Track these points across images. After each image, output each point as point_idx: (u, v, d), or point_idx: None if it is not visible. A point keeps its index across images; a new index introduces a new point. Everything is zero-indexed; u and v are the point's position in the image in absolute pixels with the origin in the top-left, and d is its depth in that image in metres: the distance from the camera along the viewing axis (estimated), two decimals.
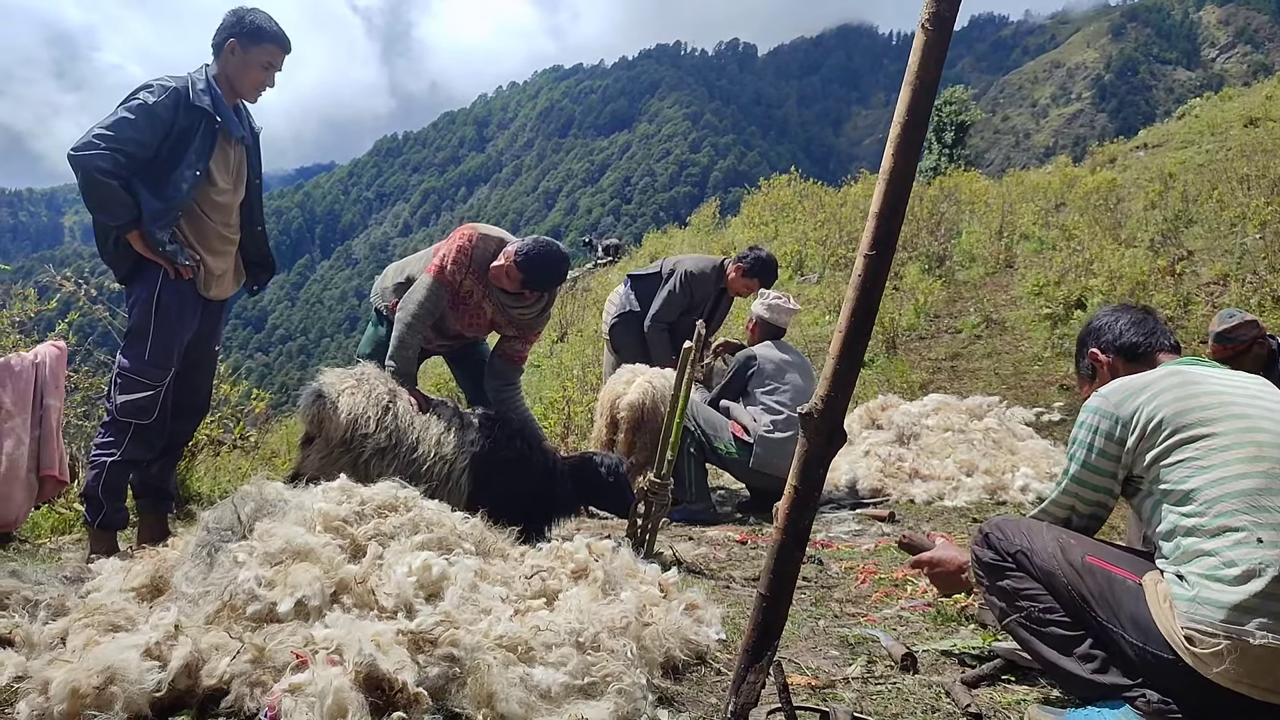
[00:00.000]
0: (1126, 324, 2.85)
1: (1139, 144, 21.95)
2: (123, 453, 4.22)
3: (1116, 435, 2.49)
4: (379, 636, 2.25)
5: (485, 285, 4.94)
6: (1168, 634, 2.22)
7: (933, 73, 1.80)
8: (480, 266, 4.90)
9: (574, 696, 2.34)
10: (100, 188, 3.97)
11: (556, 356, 15.08)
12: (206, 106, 4.20)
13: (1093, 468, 2.56)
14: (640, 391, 6.01)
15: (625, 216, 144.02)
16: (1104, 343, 2.88)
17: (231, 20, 4.30)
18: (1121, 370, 2.79)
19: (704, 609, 3.16)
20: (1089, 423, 2.57)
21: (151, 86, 4.16)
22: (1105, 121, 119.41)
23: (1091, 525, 2.66)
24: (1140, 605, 2.30)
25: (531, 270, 4.79)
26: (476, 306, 5.01)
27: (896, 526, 5.57)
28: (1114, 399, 2.53)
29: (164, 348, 4.23)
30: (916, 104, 1.82)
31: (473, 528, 3.20)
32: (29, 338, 6.20)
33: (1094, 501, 2.61)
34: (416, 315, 4.81)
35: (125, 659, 2.21)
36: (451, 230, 5.23)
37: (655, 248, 23.17)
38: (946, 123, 28.55)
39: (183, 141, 4.17)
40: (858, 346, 1.88)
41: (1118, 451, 2.50)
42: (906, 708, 2.58)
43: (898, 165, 1.83)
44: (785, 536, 1.96)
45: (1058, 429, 8.08)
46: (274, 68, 4.41)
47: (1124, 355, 2.82)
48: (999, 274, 13.95)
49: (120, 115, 4.04)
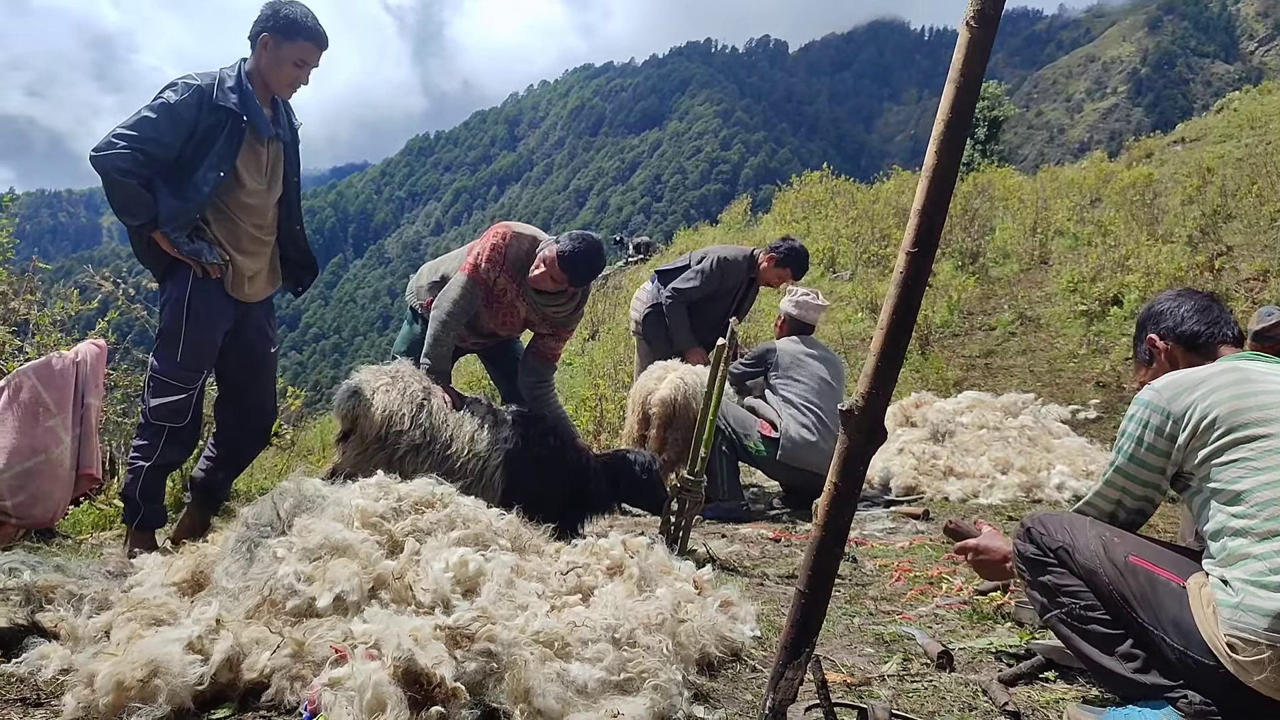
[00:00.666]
0: (1189, 311, 2.74)
1: (1176, 138, 21.64)
2: (158, 456, 4.23)
3: (1167, 431, 2.43)
4: (417, 631, 2.26)
5: (519, 284, 4.96)
6: (1210, 640, 2.18)
7: (976, 70, 1.79)
8: (514, 265, 4.92)
9: (610, 692, 2.34)
10: (120, 187, 3.93)
11: (588, 354, 15.10)
12: (232, 105, 4.11)
13: (1140, 461, 2.51)
14: (672, 388, 6.01)
15: (656, 214, 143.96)
16: (1164, 329, 2.77)
17: (267, 13, 4.19)
18: (1180, 359, 2.71)
19: (738, 606, 3.16)
20: (1139, 416, 2.50)
21: (176, 85, 4.08)
22: (1141, 116, 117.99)
23: (1137, 520, 2.61)
24: (1183, 609, 2.26)
25: (575, 269, 4.81)
26: (510, 305, 5.03)
27: (931, 524, 5.54)
28: (1167, 394, 2.47)
29: (196, 350, 4.19)
30: (960, 101, 1.80)
31: (508, 524, 3.22)
32: (69, 336, 6.28)
33: (1141, 496, 2.56)
34: (451, 313, 4.82)
35: (168, 652, 2.24)
36: (484, 229, 5.25)
37: (686, 245, 23.10)
38: (980, 118, 28.28)
39: (206, 141, 4.08)
40: (899, 343, 1.87)
41: (1168, 447, 2.44)
42: (943, 705, 2.56)
43: (940, 162, 1.82)
44: (825, 533, 1.96)
45: (1094, 427, 8.00)
46: (308, 65, 4.29)
47: (1184, 344, 2.72)
48: (1033, 270, 13.81)
49: (142, 114, 3.99)
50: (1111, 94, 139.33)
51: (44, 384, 4.58)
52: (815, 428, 5.94)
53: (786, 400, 6.13)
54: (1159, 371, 2.71)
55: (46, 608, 2.79)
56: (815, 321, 6.72)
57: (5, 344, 5.88)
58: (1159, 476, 2.51)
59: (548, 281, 4.87)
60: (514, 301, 5.02)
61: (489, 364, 5.74)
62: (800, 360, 6.32)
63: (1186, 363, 2.66)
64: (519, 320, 5.14)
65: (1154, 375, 2.73)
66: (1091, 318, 10.97)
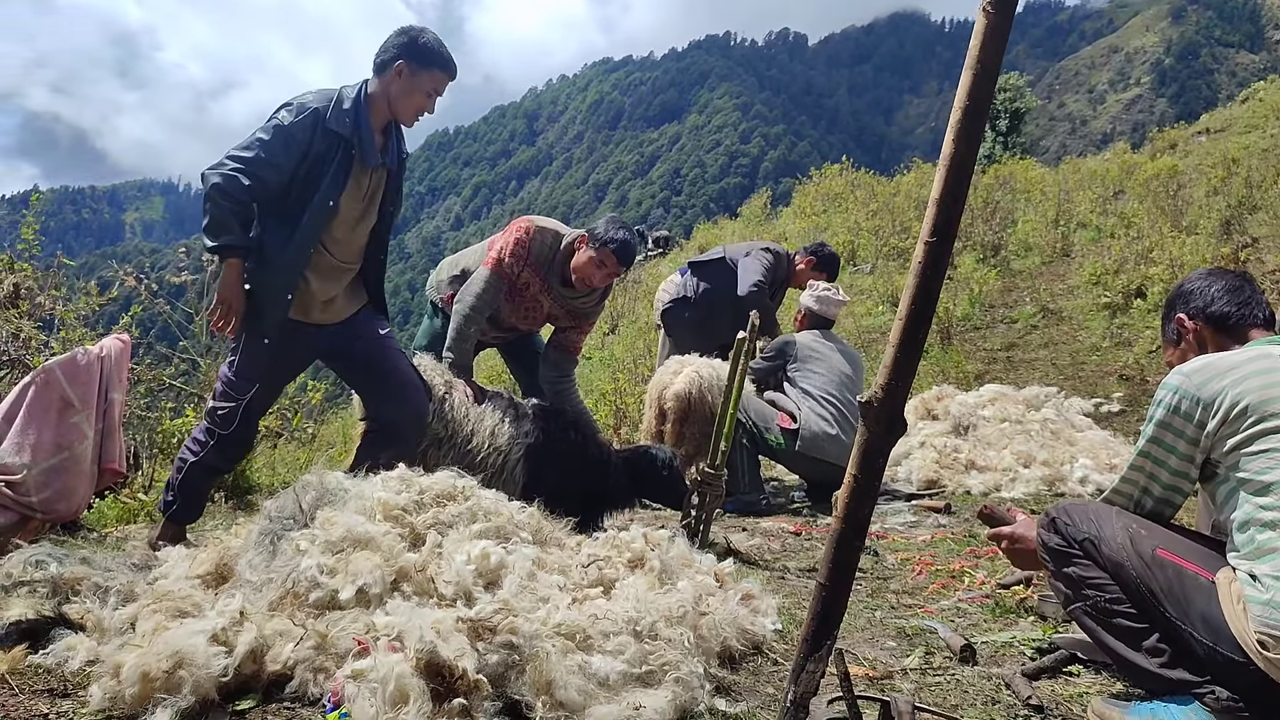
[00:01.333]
0: (1220, 291, 2.67)
1: (1200, 129, 21.44)
2: (204, 456, 4.19)
3: (1197, 417, 2.38)
4: (439, 624, 2.26)
5: (543, 278, 4.97)
6: (1239, 636, 2.15)
7: (994, 57, 1.77)
8: (538, 259, 4.93)
9: (632, 685, 2.34)
10: (215, 207, 3.81)
11: (608, 349, 15.11)
12: (344, 131, 3.95)
13: (1167, 446, 2.45)
14: (687, 381, 5.99)
15: (675, 208, 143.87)
16: (1193, 309, 2.71)
17: (404, 40, 4.04)
18: (1209, 340, 2.65)
19: (759, 599, 3.16)
20: (1167, 401, 2.45)
21: (290, 105, 3.95)
22: (1165, 107, 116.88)
23: (1164, 511, 2.55)
24: (1212, 604, 2.22)
25: (626, 255, 4.87)
26: (533, 299, 5.05)
27: (952, 518, 5.52)
28: (1196, 379, 2.41)
29: (247, 364, 4.10)
30: (977, 89, 1.79)
31: (530, 517, 3.22)
32: (94, 331, 6.34)
33: (1168, 485, 2.50)
34: (474, 307, 4.82)
35: (193, 644, 2.26)
36: (503, 224, 5.27)
37: (706, 239, 23.10)
38: (1001, 110, 28.06)
39: (316, 169, 3.95)
40: (918, 334, 1.86)
41: (1196, 434, 2.39)
42: (966, 699, 2.55)
43: (958, 151, 1.80)
44: (845, 526, 1.95)
45: (1117, 420, 7.95)
46: (437, 94, 4.14)
47: (1213, 325, 2.66)
48: (1055, 263, 13.72)
49: (256, 135, 3.87)
50: (1135, 85, 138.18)
51: (69, 379, 4.62)
52: (835, 420, 5.93)
53: (805, 393, 6.12)
54: (1187, 352, 2.66)
55: (73, 600, 2.81)
56: (835, 317, 6.71)
57: (32, 339, 5.93)
58: (1187, 464, 2.45)
59: (596, 274, 4.88)
60: (537, 295, 5.03)
61: (509, 358, 5.76)
62: (819, 353, 6.31)
63: (1215, 344, 2.61)
64: (541, 314, 5.16)
65: (1182, 356, 2.68)
66: (1115, 310, 10.89)
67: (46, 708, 2.25)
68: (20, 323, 5.90)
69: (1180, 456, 2.45)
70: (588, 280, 4.91)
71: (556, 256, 4.97)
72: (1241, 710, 2.17)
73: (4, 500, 4.32)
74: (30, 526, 4.32)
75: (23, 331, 5.89)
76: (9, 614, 2.65)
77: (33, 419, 4.50)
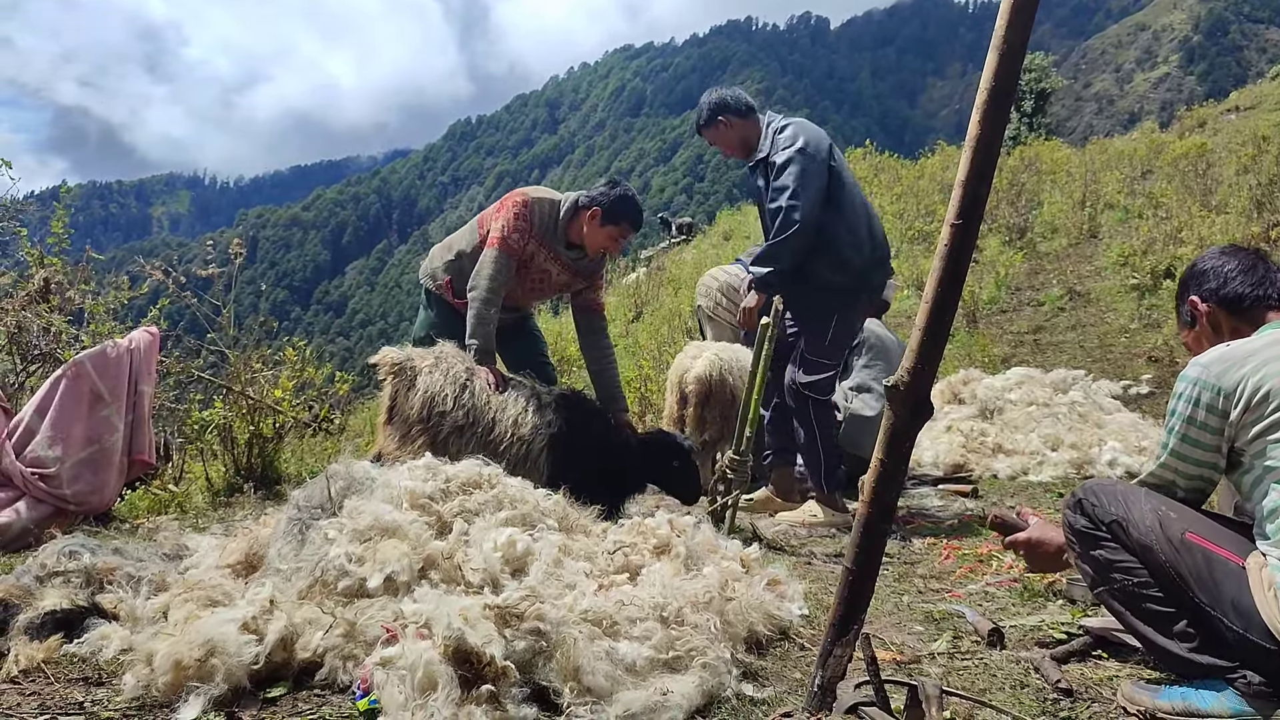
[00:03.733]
0: (1234, 271, 2.60)
1: (1230, 107, 21.18)
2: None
3: (1219, 407, 2.33)
4: (466, 611, 2.27)
5: (549, 246, 4.95)
6: (1270, 622, 2.11)
7: (1020, 36, 1.75)
8: (541, 230, 4.90)
9: (659, 670, 2.35)
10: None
11: (633, 336, 15.10)
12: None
13: (1192, 441, 2.41)
14: (707, 364, 5.91)
15: (698, 195, 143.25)
16: (1206, 290, 2.63)
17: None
18: (1223, 323, 2.59)
19: (786, 585, 3.16)
20: (1187, 394, 2.40)
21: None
22: (1194, 85, 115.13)
23: (1195, 499, 2.49)
24: (1243, 591, 2.17)
25: (639, 220, 4.96)
26: (541, 270, 5.02)
27: (979, 502, 5.49)
28: (1215, 369, 2.36)
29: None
30: (1004, 69, 1.77)
31: (555, 504, 3.23)
32: (122, 325, 6.39)
33: (1195, 476, 2.46)
34: (490, 289, 4.78)
35: (225, 633, 2.28)
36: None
37: (729, 225, 23.05)
38: (1026, 91, 27.77)
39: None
40: (944, 317, 1.85)
41: (1219, 424, 2.35)
42: (994, 683, 2.54)
43: (984, 132, 1.79)
44: (871, 511, 1.94)
45: (1146, 402, 7.88)
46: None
47: (1227, 307, 2.59)
48: (1082, 245, 13.61)
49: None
50: (1162, 63, 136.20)
51: (99, 372, 4.68)
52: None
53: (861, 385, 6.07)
54: (1201, 335, 2.61)
55: (106, 589, 2.85)
56: (891, 300, 6.69)
57: (62, 333, 5.99)
58: (1214, 455, 2.41)
59: (609, 242, 4.93)
60: (544, 265, 5.01)
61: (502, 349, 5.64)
62: (886, 346, 6.28)
63: (1229, 327, 2.55)
64: (551, 284, 5.15)
65: (1196, 338, 2.63)
66: (1143, 291, 10.79)
67: (81, 696, 2.28)
68: (51, 317, 5.96)
69: (1205, 448, 2.40)
70: (604, 250, 4.97)
71: (558, 223, 4.94)
72: (1273, 695, 2.15)
73: (38, 493, 4.39)
74: (63, 518, 4.38)
75: (53, 326, 5.95)
76: (44, 604, 2.69)
77: (65, 412, 4.56)
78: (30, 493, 4.37)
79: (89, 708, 2.21)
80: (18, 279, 6.23)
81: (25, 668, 2.42)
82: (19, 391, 5.65)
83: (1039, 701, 2.41)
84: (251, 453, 5.86)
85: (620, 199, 4.86)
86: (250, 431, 5.88)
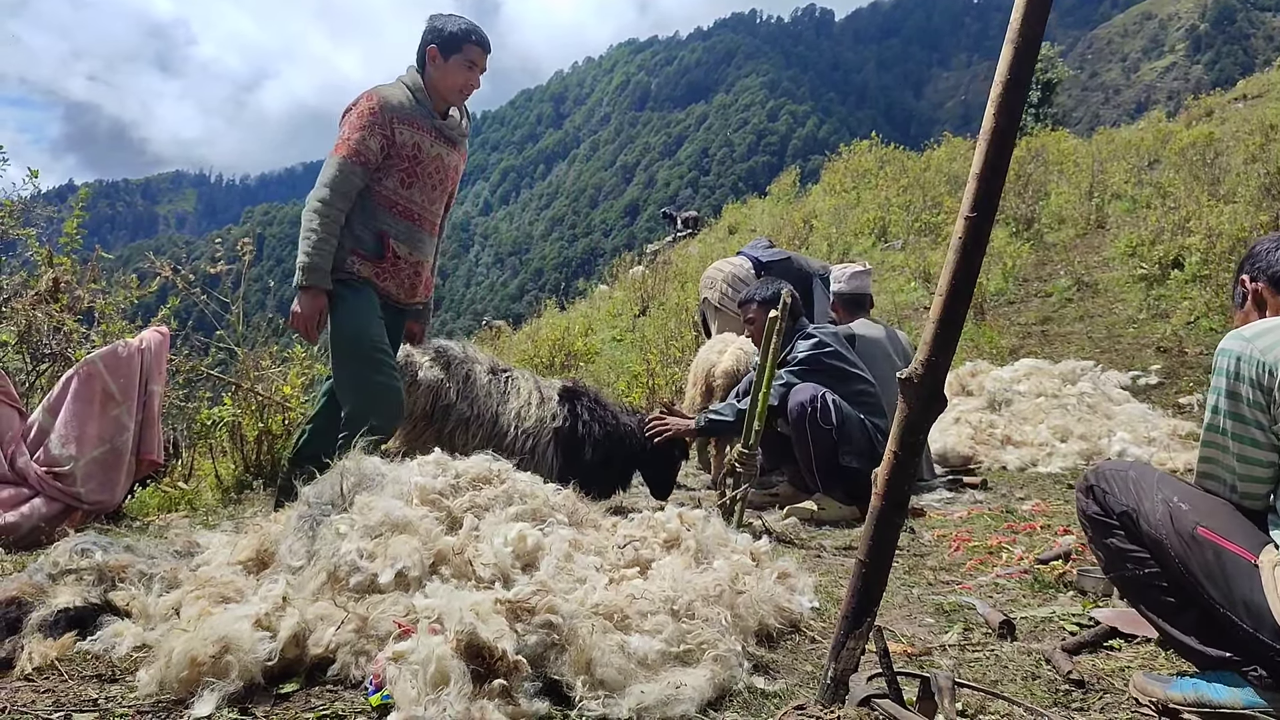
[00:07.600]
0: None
1: (1238, 95, 21.08)
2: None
3: (1264, 382, 2.17)
4: (478, 606, 2.27)
5: (419, 123, 4.45)
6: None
7: (1036, 29, 1.75)
8: (403, 112, 4.39)
9: (670, 664, 2.35)
10: None
11: (639, 330, 15.10)
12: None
13: (1235, 416, 2.25)
14: (734, 358, 6.07)
15: (704, 188, 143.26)
16: (1256, 269, 2.56)
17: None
18: (1268, 300, 2.51)
19: (796, 577, 3.16)
20: (1228, 368, 2.25)
21: None
22: (1200, 74, 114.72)
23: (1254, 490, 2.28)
24: (1255, 589, 2.11)
25: (484, 37, 4.52)
26: (434, 160, 4.54)
27: (989, 494, 5.48)
28: (1258, 343, 2.21)
29: None
30: (1019, 62, 1.76)
31: (565, 499, 3.24)
32: (132, 324, 6.41)
33: (1244, 459, 2.26)
34: (326, 197, 4.22)
35: (238, 629, 2.29)
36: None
37: (734, 219, 23.06)
38: (1033, 81, 27.65)
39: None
40: (958, 310, 1.84)
41: (1263, 400, 2.18)
42: (1006, 674, 2.54)
43: (999, 125, 1.78)
44: (884, 502, 1.94)
45: (1155, 392, 7.86)
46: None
47: (1274, 284, 2.51)
48: (1090, 235, 13.56)
49: None
50: (1169, 52, 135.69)
51: (110, 371, 4.69)
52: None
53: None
54: (1249, 314, 2.53)
55: (118, 587, 2.86)
56: (870, 290, 6.62)
57: (73, 333, 6.01)
58: (1261, 433, 2.22)
59: (474, 74, 4.52)
60: (432, 149, 4.51)
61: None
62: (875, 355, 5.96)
63: (1274, 305, 2.48)
64: (447, 173, 4.66)
65: (1244, 318, 2.54)
66: (1151, 281, 10.76)
67: (95, 693, 2.29)
68: (61, 316, 5.98)
69: (1254, 425, 2.23)
70: (463, 88, 4.53)
71: (418, 96, 4.48)
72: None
73: (52, 492, 4.41)
74: (75, 516, 4.40)
75: (64, 325, 5.97)
76: (57, 601, 2.70)
77: (77, 412, 4.58)
78: (44, 492, 4.39)
79: (103, 704, 2.22)
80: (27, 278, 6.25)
81: (39, 665, 2.43)
82: (29, 391, 5.67)
83: (1051, 693, 2.41)
84: (261, 450, 5.88)
85: (448, 20, 4.48)
86: (259, 428, 5.90)
